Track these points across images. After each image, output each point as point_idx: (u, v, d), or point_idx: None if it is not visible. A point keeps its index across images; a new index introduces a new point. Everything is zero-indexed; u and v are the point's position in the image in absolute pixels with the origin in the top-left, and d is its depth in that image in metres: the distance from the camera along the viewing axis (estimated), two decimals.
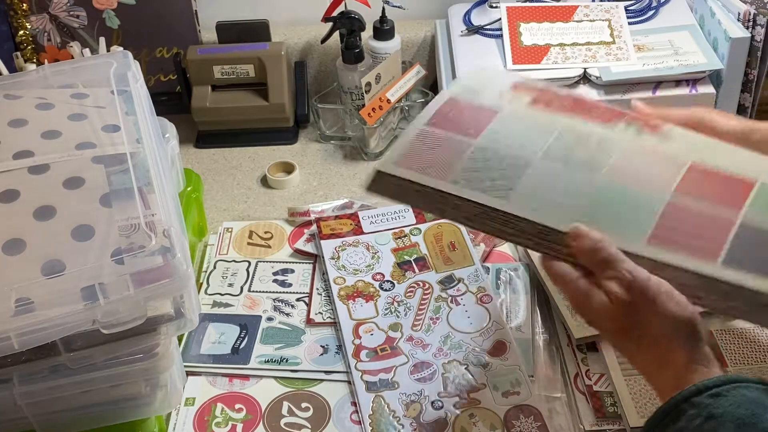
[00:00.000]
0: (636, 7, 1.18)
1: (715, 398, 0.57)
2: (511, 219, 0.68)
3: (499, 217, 0.69)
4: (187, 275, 0.70)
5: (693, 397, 0.58)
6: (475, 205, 0.70)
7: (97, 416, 0.79)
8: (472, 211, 0.70)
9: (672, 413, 0.58)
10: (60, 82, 0.90)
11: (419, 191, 0.72)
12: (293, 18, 1.34)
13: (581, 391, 0.84)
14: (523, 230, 0.68)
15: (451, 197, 0.71)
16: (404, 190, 0.73)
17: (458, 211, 0.71)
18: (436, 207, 0.72)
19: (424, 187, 0.71)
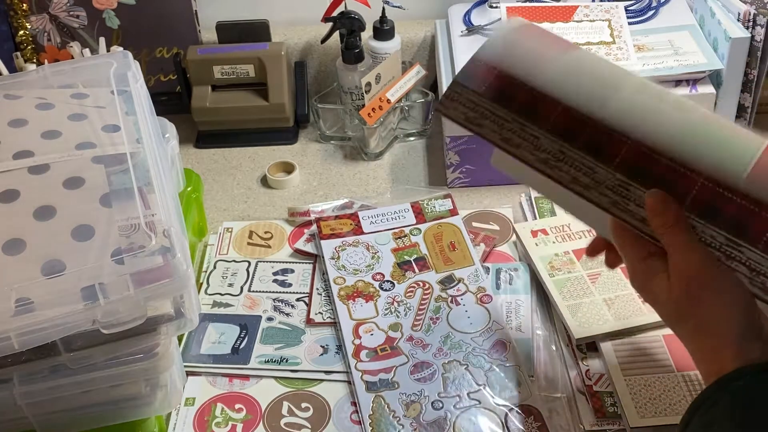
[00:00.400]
0: (636, 7, 1.18)
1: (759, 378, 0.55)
2: (593, 164, 0.62)
3: (579, 160, 0.63)
4: (187, 275, 0.70)
5: (734, 381, 0.56)
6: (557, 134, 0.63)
7: (97, 416, 0.79)
8: (551, 147, 0.63)
9: (707, 401, 0.57)
10: (60, 82, 0.90)
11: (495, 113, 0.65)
12: (293, 18, 1.34)
13: (581, 391, 0.84)
14: (602, 181, 0.63)
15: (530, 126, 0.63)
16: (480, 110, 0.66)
17: (534, 147, 0.64)
18: (510, 138, 0.64)
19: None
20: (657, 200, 0.61)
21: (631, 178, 0.62)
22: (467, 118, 0.67)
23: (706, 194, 0.61)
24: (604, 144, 0.63)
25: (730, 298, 0.59)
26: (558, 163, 0.64)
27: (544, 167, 0.64)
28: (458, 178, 1.14)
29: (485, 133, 0.66)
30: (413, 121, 1.27)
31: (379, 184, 1.17)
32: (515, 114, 0.65)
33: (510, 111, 0.65)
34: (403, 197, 1.11)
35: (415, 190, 1.13)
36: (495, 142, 0.66)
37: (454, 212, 1.06)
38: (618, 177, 0.63)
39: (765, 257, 0.59)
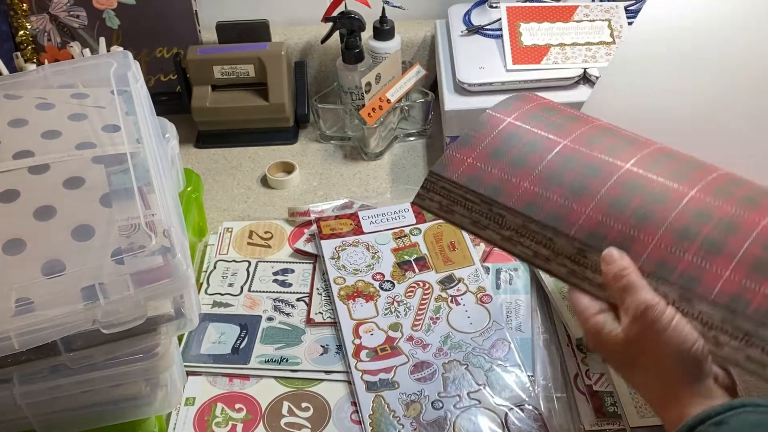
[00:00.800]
0: (636, 7, 1.18)
1: (718, 426, 0.56)
2: (553, 235, 0.67)
3: (540, 233, 0.68)
4: (187, 275, 0.70)
5: (697, 427, 0.57)
6: (519, 214, 0.69)
7: (97, 416, 0.79)
8: (514, 224, 0.69)
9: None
10: (60, 82, 0.90)
11: (466, 197, 0.72)
12: (293, 18, 1.34)
13: (581, 391, 0.84)
14: (560, 251, 0.67)
15: (496, 205, 0.70)
16: (452, 197, 0.72)
17: (499, 225, 0.70)
18: (478, 221, 0.71)
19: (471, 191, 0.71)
20: (609, 254, 0.65)
21: (588, 245, 0.67)
22: (441, 206, 0.73)
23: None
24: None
25: (680, 335, 0.60)
26: (521, 239, 0.69)
27: (508, 245, 0.70)
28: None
29: (456, 220, 0.73)
30: (413, 121, 1.27)
31: (379, 184, 1.17)
32: (483, 196, 0.71)
33: (478, 194, 0.72)
34: (403, 197, 1.11)
35: (415, 190, 1.12)
36: (465, 227, 0.72)
37: None
38: (576, 245, 0.67)
39: (717, 310, 0.61)
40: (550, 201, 0.69)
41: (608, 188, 0.68)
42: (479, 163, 0.73)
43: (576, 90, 1.08)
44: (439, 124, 1.21)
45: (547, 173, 0.70)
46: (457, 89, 1.10)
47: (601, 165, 0.70)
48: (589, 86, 1.09)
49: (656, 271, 0.64)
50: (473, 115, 1.08)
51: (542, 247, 0.68)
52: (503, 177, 0.72)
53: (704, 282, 0.62)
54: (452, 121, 1.09)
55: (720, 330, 0.61)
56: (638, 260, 0.64)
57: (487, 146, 0.74)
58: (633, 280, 0.63)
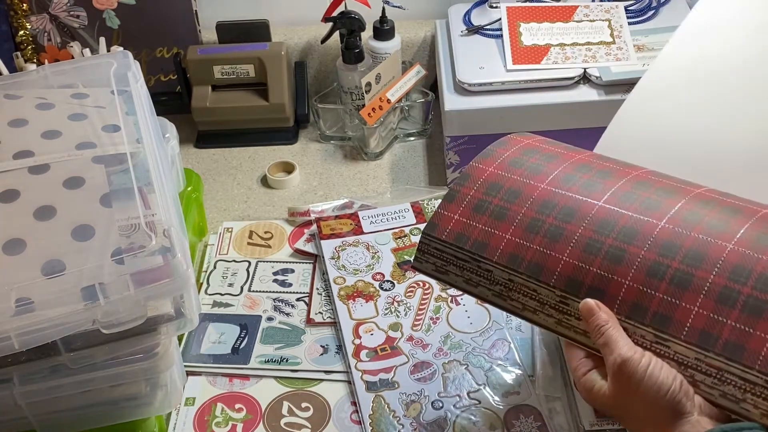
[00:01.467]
0: (636, 7, 1.18)
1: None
2: (536, 286, 0.68)
3: (524, 284, 0.69)
4: (187, 275, 0.70)
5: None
6: (504, 269, 0.70)
7: (97, 416, 0.79)
8: (501, 278, 0.70)
9: None
10: (60, 82, 0.90)
11: (456, 256, 0.73)
12: (293, 18, 1.34)
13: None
14: (545, 301, 0.68)
15: (483, 261, 0.71)
16: (445, 257, 0.74)
17: (489, 281, 0.71)
18: (470, 278, 0.72)
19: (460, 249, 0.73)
20: (587, 307, 0.65)
21: (568, 293, 0.67)
22: (436, 268, 0.75)
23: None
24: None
25: (656, 382, 0.61)
26: (509, 293, 0.70)
27: (499, 300, 0.71)
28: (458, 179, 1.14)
29: (451, 280, 0.74)
30: (413, 121, 1.27)
31: (379, 184, 1.17)
32: (470, 252, 0.72)
33: (466, 250, 0.73)
34: (403, 197, 1.11)
35: (415, 190, 1.13)
36: (459, 286, 0.73)
37: None
38: (558, 293, 0.68)
39: (689, 348, 0.62)
40: (530, 251, 0.70)
41: (582, 231, 0.69)
42: (464, 219, 0.74)
43: (576, 90, 1.08)
44: (439, 124, 1.21)
45: (526, 222, 0.71)
46: (457, 89, 1.10)
47: (575, 206, 0.70)
48: (589, 86, 1.09)
49: (631, 313, 0.64)
50: (473, 115, 1.08)
51: (529, 299, 0.69)
52: (487, 230, 0.72)
53: (675, 321, 0.63)
54: (452, 121, 1.09)
55: (695, 369, 0.62)
56: (614, 303, 0.65)
57: (471, 200, 0.75)
58: (610, 335, 0.64)
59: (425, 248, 0.75)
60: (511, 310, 0.70)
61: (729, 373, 0.60)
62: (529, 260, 0.69)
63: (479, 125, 1.09)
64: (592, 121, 1.04)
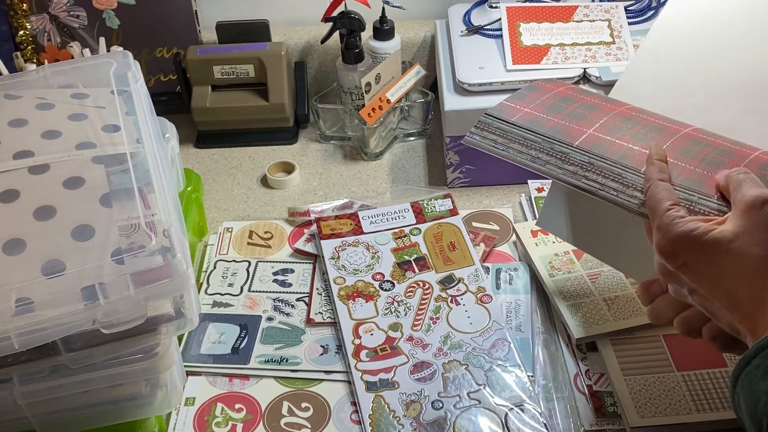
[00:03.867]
0: (636, 7, 1.18)
1: None
2: (622, 171, 0.68)
3: (608, 168, 0.69)
4: (187, 275, 0.70)
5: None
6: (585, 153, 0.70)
7: (97, 416, 0.79)
8: (579, 160, 0.70)
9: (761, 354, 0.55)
10: (60, 82, 0.90)
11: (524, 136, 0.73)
12: (293, 18, 1.34)
13: (581, 391, 0.84)
14: (630, 184, 0.68)
15: (559, 143, 0.71)
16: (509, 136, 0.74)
17: (562, 161, 0.71)
18: (537, 157, 0.72)
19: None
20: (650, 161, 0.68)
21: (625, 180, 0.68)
22: (496, 143, 0.74)
23: None
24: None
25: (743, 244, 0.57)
26: (586, 173, 0.70)
27: (571, 179, 0.70)
28: (458, 178, 1.14)
29: (512, 155, 0.74)
30: (413, 121, 1.27)
31: (379, 184, 1.17)
32: (545, 135, 0.72)
33: (540, 134, 0.73)
34: (403, 197, 1.11)
35: (415, 190, 1.13)
36: (523, 162, 0.73)
37: (454, 212, 1.06)
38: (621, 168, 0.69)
39: None
40: (616, 144, 0.70)
41: (674, 141, 0.69)
42: (538, 112, 0.75)
43: None
44: (439, 124, 1.21)
45: (608, 126, 0.72)
46: (457, 89, 1.10)
47: (662, 128, 0.72)
48: (589, 86, 1.09)
49: None
50: (473, 115, 1.08)
51: (610, 180, 0.69)
52: (565, 124, 0.73)
53: None
54: (452, 121, 1.09)
55: None
56: None
57: (544, 102, 0.76)
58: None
59: (485, 126, 0.75)
60: (585, 189, 0.70)
61: None
62: (615, 151, 0.70)
63: None
64: None
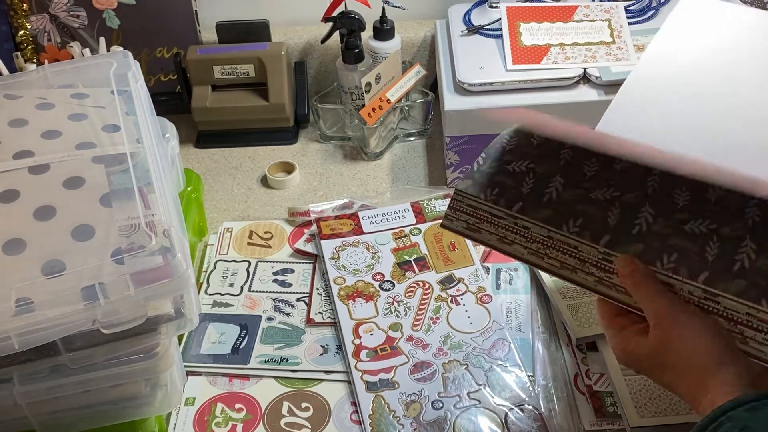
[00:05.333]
0: (636, 7, 1.18)
1: (752, 412, 0.57)
2: (577, 243, 0.68)
3: (565, 242, 0.69)
4: (187, 275, 0.70)
5: (730, 411, 0.58)
6: (544, 226, 0.70)
7: (97, 416, 0.79)
8: (540, 235, 0.70)
9: (710, 427, 0.59)
10: (60, 82, 0.90)
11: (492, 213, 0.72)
12: (293, 18, 1.34)
13: (581, 391, 0.84)
14: (586, 258, 0.68)
15: (521, 218, 0.71)
16: (479, 214, 0.73)
17: (525, 239, 0.70)
18: (504, 236, 0.72)
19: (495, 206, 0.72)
20: (626, 261, 0.66)
21: (612, 250, 0.67)
22: (468, 225, 0.74)
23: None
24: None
25: (699, 328, 0.61)
26: (547, 251, 0.70)
27: (535, 259, 0.71)
28: (458, 178, 1.14)
29: (484, 238, 0.74)
30: (413, 121, 1.27)
31: (379, 184, 1.17)
32: (507, 210, 0.72)
33: (504, 207, 0.72)
34: (403, 197, 1.11)
35: (415, 190, 1.13)
36: (493, 244, 0.73)
37: None
38: (601, 250, 0.68)
39: (741, 303, 0.62)
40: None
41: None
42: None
43: (576, 90, 1.08)
44: (439, 124, 1.21)
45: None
46: (457, 89, 1.10)
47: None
48: (589, 86, 1.09)
49: (680, 270, 0.64)
50: (473, 115, 1.08)
51: (569, 256, 0.69)
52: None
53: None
54: (452, 121, 1.09)
55: (745, 324, 0.61)
56: (663, 260, 0.65)
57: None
58: (651, 287, 0.64)
59: (457, 206, 0.75)
60: (548, 269, 0.70)
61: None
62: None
63: (479, 125, 1.09)
64: (592, 121, 1.03)
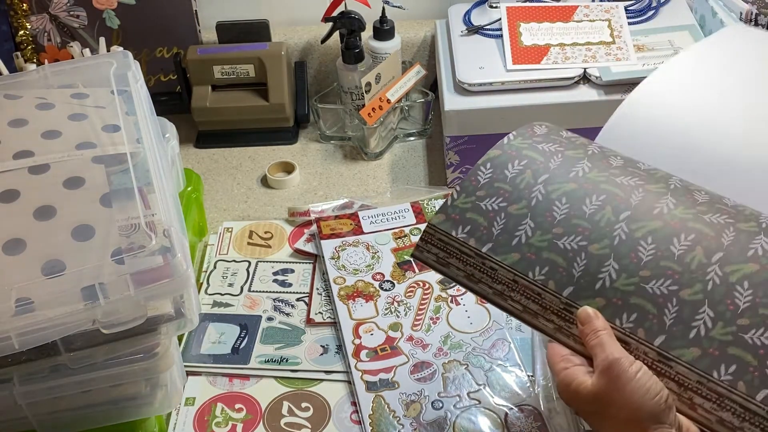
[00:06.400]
0: (636, 7, 1.18)
1: None
2: (541, 291, 0.68)
3: (529, 287, 0.69)
4: (187, 275, 0.70)
5: None
6: (510, 270, 0.70)
7: (97, 416, 0.79)
8: (505, 278, 0.70)
9: None
10: (60, 82, 0.90)
11: (461, 250, 0.72)
12: (293, 18, 1.34)
13: None
14: (548, 306, 0.68)
15: (489, 259, 0.71)
16: (448, 249, 0.73)
17: (491, 279, 0.71)
18: (472, 274, 0.72)
19: (464, 245, 0.72)
20: (585, 313, 0.66)
21: (573, 301, 0.67)
22: (438, 259, 0.74)
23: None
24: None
25: (644, 386, 0.62)
26: (511, 293, 0.70)
27: (499, 300, 0.71)
28: (458, 178, 1.14)
29: (452, 273, 0.73)
30: (413, 121, 1.27)
31: (379, 184, 1.17)
32: (476, 249, 0.72)
33: (474, 246, 0.72)
34: (403, 197, 1.11)
35: (415, 190, 1.13)
36: (460, 281, 0.73)
37: None
38: (563, 300, 0.68)
39: (692, 371, 0.62)
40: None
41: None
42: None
43: (576, 90, 1.08)
44: (439, 124, 1.21)
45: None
46: (457, 89, 1.10)
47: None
48: (589, 86, 1.09)
49: (637, 330, 0.65)
50: (473, 115, 1.08)
51: (531, 302, 0.69)
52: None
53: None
54: (452, 121, 1.09)
55: (695, 392, 0.62)
56: (621, 319, 0.65)
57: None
58: (604, 338, 0.65)
59: (428, 238, 0.74)
60: (511, 311, 0.70)
61: (730, 400, 0.60)
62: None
63: (479, 125, 1.09)
64: (592, 121, 1.03)
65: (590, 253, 0.68)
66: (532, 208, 0.71)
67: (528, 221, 0.71)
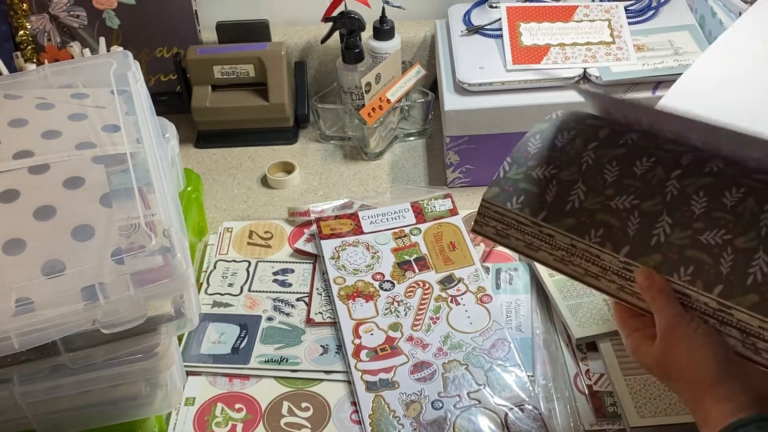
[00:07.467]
0: (636, 7, 1.18)
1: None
2: (599, 252, 0.69)
3: (587, 250, 0.69)
4: (187, 275, 0.70)
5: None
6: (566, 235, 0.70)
7: (97, 416, 0.80)
8: (563, 243, 0.70)
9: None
10: (60, 82, 0.90)
11: (518, 221, 0.73)
12: (293, 18, 1.34)
13: (581, 391, 0.84)
14: (608, 267, 0.69)
15: (545, 227, 0.71)
16: (506, 221, 0.74)
17: (550, 246, 0.71)
18: (531, 243, 0.73)
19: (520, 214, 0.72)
20: (645, 273, 0.67)
21: (631, 260, 0.68)
22: (497, 231, 0.75)
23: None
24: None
25: (700, 344, 0.63)
26: (571, 258, 0.71)
27: (561, 265, 0.72)
28: (458, 178, 1.14)
29: (512, 244, 0.74)
30: (413, 121, 1.27)
31: (379, 184, 1.17)
32: (532, 217, 0.72)
33: (529, 215, 0.72)
34: (403, 197, 1.11)
35: (415, 190, 1.13)
36: (520, 250, 0.74)
37: (454, 212, 1.06)
38: (621, 260, 0.68)
39: (753, 316, 0.62)
40: None
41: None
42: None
43: (576, 90, 1.08)
44: (439, 124, 1.21)
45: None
46: (457, 89, 1.10)
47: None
48: (589, 86, 1.09)
49: (695, 282, 0.65)
50: (473, 115, 1.08)
51: (591, 264, 0.70)
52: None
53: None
54: (452, 121, 1.09)
55: (757, 337, 0.62)
56: (680, 272, 0.66)
57: None
58: (664, 299, 0.65)
59: (486, 212, 0.75)
60: (573, 276, 0.71)
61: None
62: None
63: (479, 125, 1.09)
64: None
65: (643, 210, 0.68)
66: (583, 173, 0.72)
67: (580, 185, 0.71)
